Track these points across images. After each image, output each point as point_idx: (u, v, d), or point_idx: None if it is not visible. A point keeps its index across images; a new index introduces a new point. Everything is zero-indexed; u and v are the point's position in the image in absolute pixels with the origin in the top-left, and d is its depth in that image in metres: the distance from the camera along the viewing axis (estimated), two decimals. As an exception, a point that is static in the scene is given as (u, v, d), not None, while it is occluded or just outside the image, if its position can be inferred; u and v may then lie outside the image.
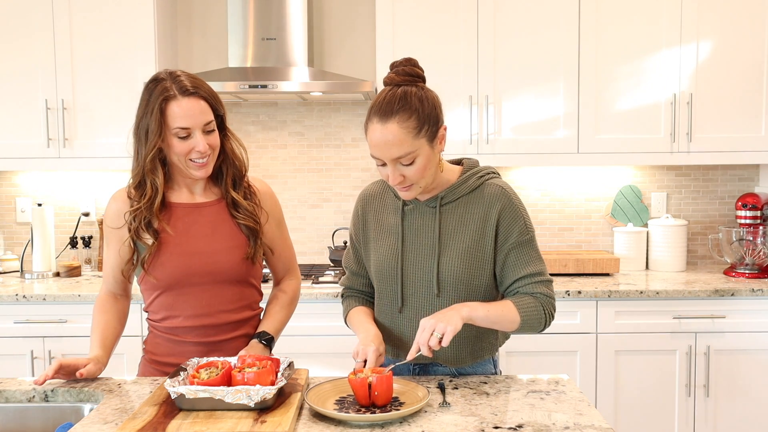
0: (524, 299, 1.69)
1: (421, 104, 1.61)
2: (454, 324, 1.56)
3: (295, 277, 2.01)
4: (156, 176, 1.74)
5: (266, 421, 1.40)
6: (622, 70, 3.19)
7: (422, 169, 1.63)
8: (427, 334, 1.55)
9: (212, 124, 1.73)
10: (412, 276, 1.74)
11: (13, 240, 3.63)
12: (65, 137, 3.22)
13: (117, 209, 1.79)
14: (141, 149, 1.73)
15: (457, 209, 1.73)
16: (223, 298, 1.80)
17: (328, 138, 3.58)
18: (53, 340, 2.98)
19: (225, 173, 1.81)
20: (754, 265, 3.22)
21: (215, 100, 1.75)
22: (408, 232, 1.75)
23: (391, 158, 1.60)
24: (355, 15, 3.52)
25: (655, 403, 3.01)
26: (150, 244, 1.74)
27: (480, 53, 3.19)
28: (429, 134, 1.62)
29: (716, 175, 3.57)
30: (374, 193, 1.84)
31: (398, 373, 1.80)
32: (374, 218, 1.81)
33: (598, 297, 2.96)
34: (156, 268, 1.75)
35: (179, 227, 1.77)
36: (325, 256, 3.58)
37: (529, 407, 1.55)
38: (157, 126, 1.67)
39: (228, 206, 1.82)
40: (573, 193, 3.58)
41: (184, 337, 1.80)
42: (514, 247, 1.70)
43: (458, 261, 1.70)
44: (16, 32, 3.20)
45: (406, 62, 1.67)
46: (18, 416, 1.67)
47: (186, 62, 3.54)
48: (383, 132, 1.59)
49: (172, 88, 1.68)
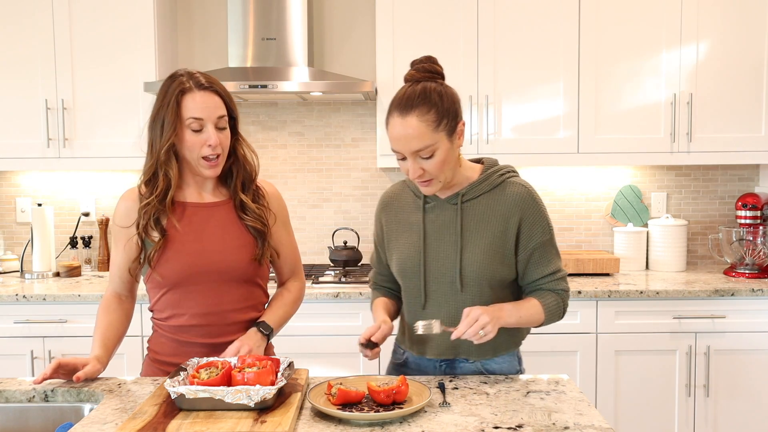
0: (548, 298, 1.77)
1: (441, 99, 1.65)
2: (493, 335, 1.64)
3: (300, 279, 2.03)
4: (170, 168, 1.74)
5: (266, 421, 1.40)
6: (622, 70, 3.19)
7: (441, 163, 1.66)
8: (476, 328, 1.61)
9: (225, 120, 1.76)
10: (436, 272, 1.77)
11: (13, 240, 3.63)
12: (65, 137, 3.22)
13: (127, 207, 1.79)
14: (156, 141, 1.73)
15: (478, 206, 1.76)
16: (229, 297, 1.80)
17: (328, 138, 3.58)
18: (53, 340, 2.98)
19: (235, 176, 1.83)
20: (754, 265, 3.22)
21: (230, 99, 1.78)
22: (430, 229, 1.78)
23: (411, 151, 1.64)
24: (355, 15, 3.52)
25: (655, 403, 3.01)
26: (157, 241, 1.74)
27: (480, 53, 3.19)
28: (448, 128, 1.66)
29: (716, 175, 3.57)
30: (394, 195, 1.88)
31: (424, 370, 1.83)
32: (395, 219, 1.85)
33: (598, 297, 2.96)
34: (162, 266, 1.75)
35: (187, 225, 1.78)
36: (325, 256, 3.58)
37: (529, 407, 1.55)
38: (172, 117, 1.70)
39: (236, 208, 1.83)
40: (573, 193, 3.58)
41: (189, 337, 1.79)
42: (537, 247, 1.76)
43: (481, 256, 1.73)
44: (16, 32, 3.20)
45: (426, 60, 1.73)
46: (18, 416, 1.67)
47: (186, 62, 3.54)
48: (403, 125, 1.63)
49: (188, 82, 1.72)
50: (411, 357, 1.87)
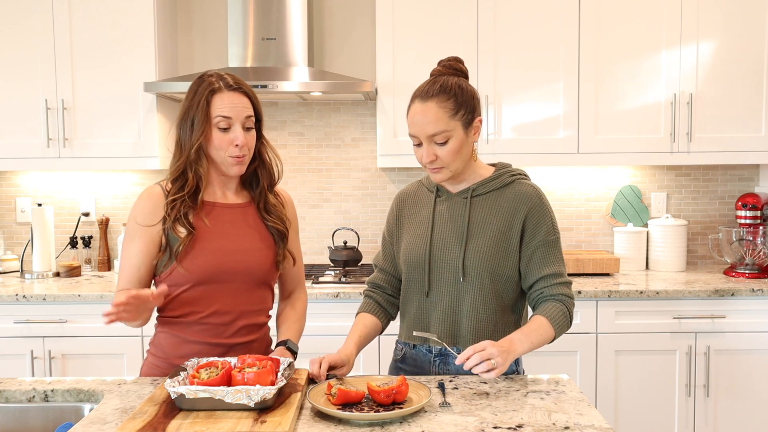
0: (553, 310, 1.75)
1: (460, 91, 1.74)
2: (504, 369, 1.60)
3: (304, 292, 2.07)
4: (200, 166, 1.76)
5: (266, 421, 1.40)
6: (622, 70, 3.19)
7: (454, 152, 1.73)
8: (481, 356, 1.59)
9: (252, 120, 1.78)
10: (440, 262, 1.81)
11: (13, 240, 3.63)
12: (65, 137, 3.22)
13: (154, 204, 1.77)
14: (186, 140, 1.75)
15: (487, 201, 1.81)
16: (246, 299, 1.81)
17: (328, 138, 3.58)
18: (53, 340, 2.98)
19: (261, 177, 1.85)
20: (754, 265, 3.22)
21: (257, 101, 1.81)
22: (438, 220, 1.83)
23: (426, 135, 1.71)
24: (355, 15, 3.52)
25: (655, 403, 3.01)
26: (184, 236, 1.74)
27: (480, 53, 3.19)
28: (464, 119, 1.73)
29: (716, 175, 3.57)
30: (409, 192, 1.95)
31: (420, 365, 1.84)
32: (408, 214, 1.91)
33: (598, 297, 2.96)
34: (189, 261, 1.74)
35: (215, 223, 1.79)
36: (325, 256, 3.58)
37: (529, 407, 1.55)
38: (202, 117, 1.72)
39: (259, 210, 1.85)
40: (573, 193, 3.58)
41: (200, 336, 1.78)
42: (539, 246, 1.78)
43: (485, 250, 1.77)
44: (16, 32, 3.20)
45: (453, 59, 1.84)
46: (18, 416, 1.67)
47: (186, 62, 3.54)
48: (422, 110, 1.72)
49: (218, 83, 1.75)
50: (408, 351, 1.89)
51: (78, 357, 2.99)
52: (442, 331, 1.81)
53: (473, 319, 1.79)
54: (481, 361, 1.58)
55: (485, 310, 1.78)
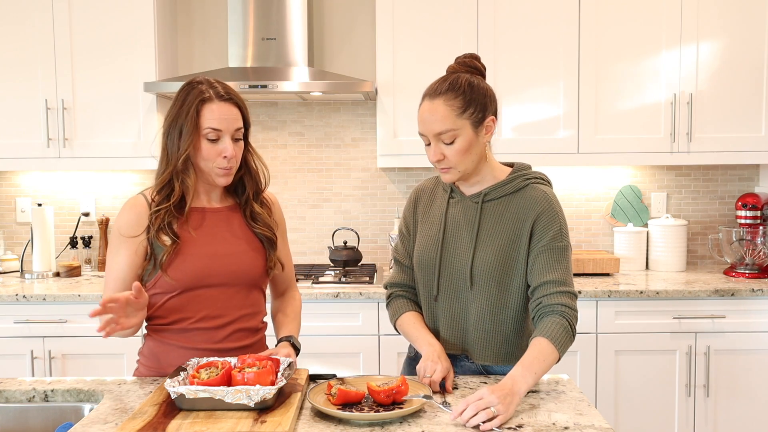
0: (553, 329, 1.64)
1: (471, 88, 1.70)
2: (509, 415, 1.46)
3: (297, 290, 2.05)
4: (187, 176, 1.73)
5: (266, 421, 1.40)
6: (622, 70, 3.19)
7: (462, 152, 1.69)
8: (479, 405, 1.44)
9: (241, 132, 1.75)
10: (450, 267, 1.78)
11: (13, 240, 3.63)
12: (65, 137, 3.22)
13: (138, 215, 1.75)
14: (173, 149, 1.71)
15: (498, 207, 1.77)
16: (238, 302, 1.79)
17: (328, 138, 3.58)
18: (53, 340, 2.98)
19: (246, 185, 1.83)
20: (754, 265, 3.22)
21: (246, 110, 1.77)
22: (450, 224, 1.80)
23: (433, 133, 1.69)
24: (355, 15, 3.52)
25: (655, 403, 3.01)
26: (168, 245, 1.71)
27: (480, 53, 3.18)
28: (474, 118, 1.69)
29: (716, 175, 3.57)
30: (426, 188, 1.92)
31: None
32: (423, 210, 1.88)
33: (598, 297, 2.96)
34: (175, 269, 1.72)
35: (199, 229, 1.77)
36: (325, 256, 3.58)
37: (529, 407, 1.55)
38: (191, 126, 1.69)
39: (245, 217, 1.83)
40: (573, 193, 3.58)
41: (193, 342, 1.76)
42: (545, 250, 1.72)
43: (492, 257, 1.73)
44: (16, 32, 3.20)
45: (469, 56, 1.78)
46: (18, 416, 1.67)
47: (186, 62, 3.54)
48: (430, 107, 1.69)
49: (208, 91, 1.71)
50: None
51: (78, 357, 2.99)
52: (450, 339, 1.80)
53: (480, 329, 1.76)
54: (477, 412, 1.43)
55: (492, 320, 1.75)
